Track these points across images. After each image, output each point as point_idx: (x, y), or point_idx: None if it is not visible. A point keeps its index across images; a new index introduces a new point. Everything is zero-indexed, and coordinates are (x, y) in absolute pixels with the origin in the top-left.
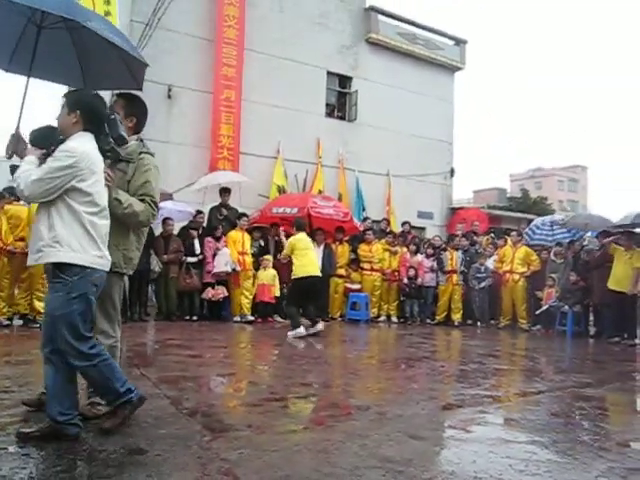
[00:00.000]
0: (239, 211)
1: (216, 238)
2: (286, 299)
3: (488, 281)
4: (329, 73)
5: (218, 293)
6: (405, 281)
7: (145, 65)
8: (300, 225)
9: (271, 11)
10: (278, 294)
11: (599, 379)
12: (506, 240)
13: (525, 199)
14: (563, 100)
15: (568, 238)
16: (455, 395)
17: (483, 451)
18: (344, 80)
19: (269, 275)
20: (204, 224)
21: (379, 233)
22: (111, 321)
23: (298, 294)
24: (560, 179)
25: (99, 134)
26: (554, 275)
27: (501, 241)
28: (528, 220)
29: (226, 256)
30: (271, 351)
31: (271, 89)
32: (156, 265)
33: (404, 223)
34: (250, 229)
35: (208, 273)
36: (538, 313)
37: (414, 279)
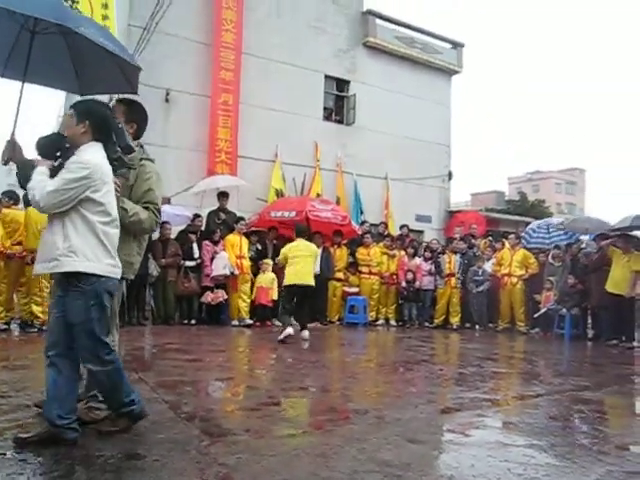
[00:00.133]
0: (237, 215)
1: (214, 242)
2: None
3: (486, 284)
4: (327, 77)
5: (218, 296)
6: (403, 284)
7: (138, 69)
8: (299, 231)
9: (269, 15)
10: (276, 297)
11: (597, 382)
12: (504, 243)
13: (523, 202)
14: (560, 104)
15: (565, 240)
16: (454, 399)
17: (482, 455)
18: (342, 84)
19: (268, 278)
20: (202, 228)
21: (377, 236)
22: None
23: (286, 299)
24: (558, 182)
25: (107, 143)
26: (552, 278)
27: (499, 244)
28: (526, 223)
29: (224, 259)
30: (269, 355)
31: (269, 93)
32: (154, 269)
33: (402, 226)
34: (248, 233)
35: (207, 277)
36: (536, 316)
37: (412, 282)
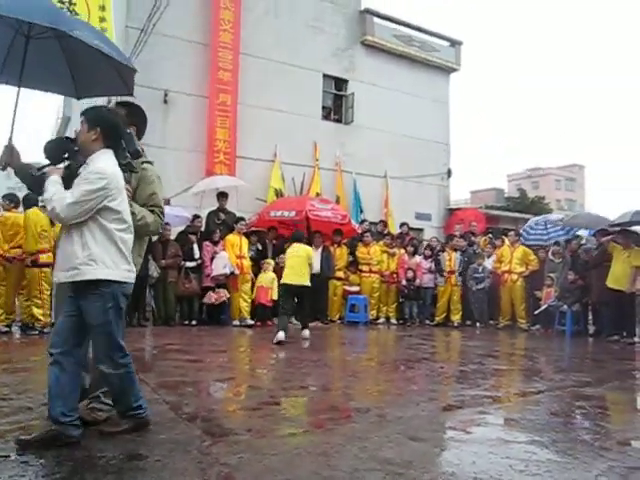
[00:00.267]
0: (237, 215)
1: (214, 242)
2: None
3: (486, 282)
4: (325, 76)
5: (221, 296)
6: (404, 283)
7: (134, 71)
8: (295, 238)
9: (266, 15)
10: (276, 297)
11: (598, 378)
12: (503, 240)
13: (523, 199)
14: (559, 100)
15: (562, 236)
16: (455, 396)
17: (483, 452)
18: (340, 83)
19: (268, 278)
20: (202, 229)
21: (376, 235)
22: None
23: (282, 297)
24: (557, 178)
25: (117, 149)
26: (553, 274)
27: (498, 241)
28: (525, 220)
29: (224, 259)
30: (270, 355)
31: (267, 93)
32: (154, 270)
33: (402, 224)
34: (248, 233)
35: (207, 277)
36: (537, 313)
37: (413, 280)
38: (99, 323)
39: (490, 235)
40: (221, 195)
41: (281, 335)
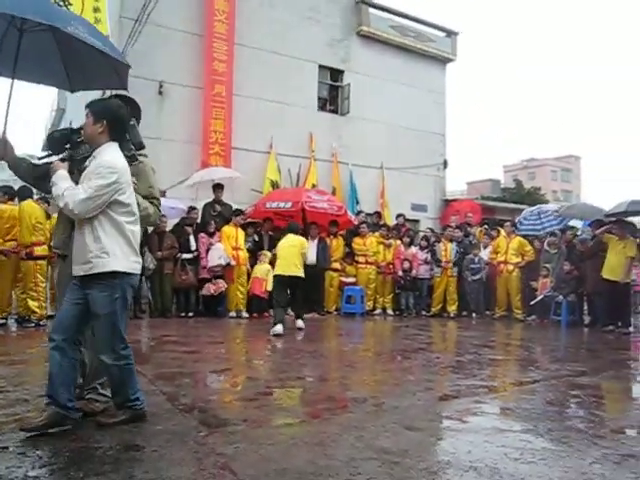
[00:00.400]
0: (233, 207)
1: (209, 234)
2: None
3: (482, 272)
4: (320, 67)
5: (219, 287)
6: (400, 274)
7: (128, 67)
8: (290, 228)
9: (261, 5)
10: (270, 288)
11: (594, 367)
12: (498, 231)
13: (519, 190)
14: (555, 91)
15: (555, 226)
16: (451, 386)
17: (479, 441)
18: (336, 73)
19: (263, 269)
20: (198, 220)
21: (373, 226)
22: None
23: (275, 289)
24: (553, 169)
25: (122, 142)
26: (548, 265)
27: (494, 232)
28: (521, 211)
29: (220, 250)
30: (267, 346)
31: (262, 84)
32: (150, 262)
33: (398, 215)
34: (244, 225)
35: (204, 269)
36: (533, 303)
37: (409, 271)
38: (106, 313)
39: (486, 226)
40: (217, 187)
41: (279, 328)
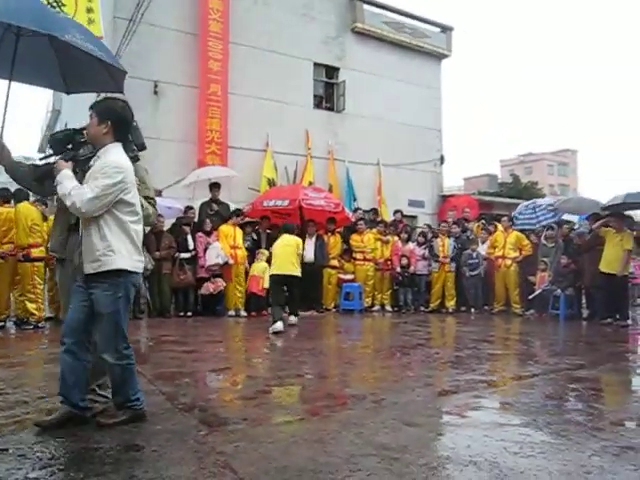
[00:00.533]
0: (230, 206)
1: (206, 233)
2: None
3: (480, 268)
4: (316, 64)
5: (218, 285)
6: (398, 270)
7: (124, 73)
8: (285, 228)
9: (255, 4)
10: (267, 286)
11: (592, 361)
12: (496, 226)
13: (516, 184)
14: (552, 86)
15: (551, 219)
16: (450, 381)
17: (478, 435)
18: (331, 71)
19: (260, 267)
20: (195, 219)
21: (370, 223)
22: None
23: (272, 288)
24: (550, 164)
25: (125, 142)
26: (546, 259)
27: (491, 227)
28: (519, 205)
29: (217, 249)
30: (265, 344)
31: (258, 82)
32: (148, 262)
33: (396, 212)
34: (242, 224)
35: (202, 268)
36: (531, 298)
37: (407, 268)
38: (109, 312)
39: (483, 221)
40: (214, 186)
41: (279, 325)
